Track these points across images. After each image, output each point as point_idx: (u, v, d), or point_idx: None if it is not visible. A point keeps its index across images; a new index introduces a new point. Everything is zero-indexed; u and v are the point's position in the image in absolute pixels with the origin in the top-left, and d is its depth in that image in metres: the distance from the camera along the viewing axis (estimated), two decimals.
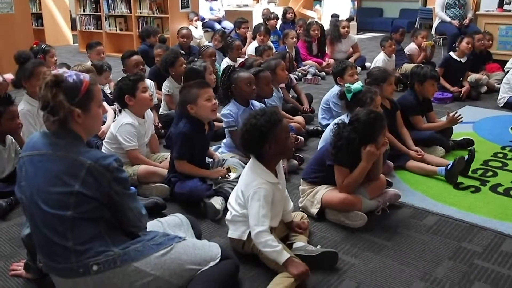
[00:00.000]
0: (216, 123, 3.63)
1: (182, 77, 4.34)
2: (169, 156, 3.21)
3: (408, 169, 3.53)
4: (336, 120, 3.28)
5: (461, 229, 2.76)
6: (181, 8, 8.77)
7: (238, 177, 2.78)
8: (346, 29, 7.64)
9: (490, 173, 3.52)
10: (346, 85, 3.40)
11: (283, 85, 4.86)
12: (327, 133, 3.30)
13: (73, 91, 1.84)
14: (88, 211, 1.80)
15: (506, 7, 7.32)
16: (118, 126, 3.21)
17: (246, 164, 3.09)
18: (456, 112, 3.92)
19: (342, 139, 2.73)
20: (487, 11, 7.56)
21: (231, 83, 3.58)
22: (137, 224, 1.98)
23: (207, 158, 3.31)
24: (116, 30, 9.65)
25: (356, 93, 3.27)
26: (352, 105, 3.26)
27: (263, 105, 3.66)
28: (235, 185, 2.59)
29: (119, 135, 3.18)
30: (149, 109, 3.47)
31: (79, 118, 1.85)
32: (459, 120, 3.88)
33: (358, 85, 3.33)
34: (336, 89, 4.31)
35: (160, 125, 4.27)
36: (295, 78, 6.43)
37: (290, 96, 5.08)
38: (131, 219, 1.94)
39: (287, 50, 6.83)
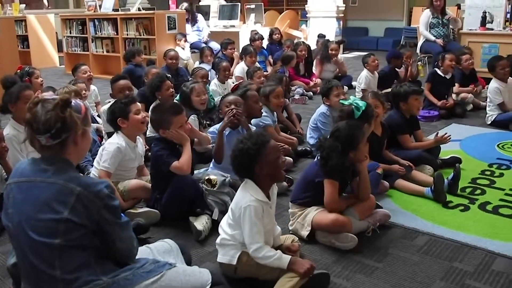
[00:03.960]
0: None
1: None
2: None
3: (397, 188, 3.54)
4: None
5: (452, 248, 2.76)
6: (168, 30, 8.80)
7: (220, 187, 3.02)
8: (334, 52, 7.70)
9: (478, 191, 3.54)
10: (349, 101, 3.36)
11: None
12: None
13: (78, 113, 1.86)
14: (76, 238, 1.77)
15: (488, 25, 7.46)
16: (107, 145, 3.23)
17: (226, 175, 3.18)
18: (446, 133, 3.95)
19: (325, 149, 2.75)
20: (470, 29, 7.70)
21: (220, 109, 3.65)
22: (127, 254, 1.95)
23: None
24: (103, 52, 9.65)
25: (364, 110, 3.26)
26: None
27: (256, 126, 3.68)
28: (218, 197, 2.75)
29: (103, 151, 3.18)
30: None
31: (80, 139, 1.85)
32: (447, 141, 3.92)
33: (360, 101, 3.33)
34: (323, 108, 4.34)
35: (147, 147, 4.23)
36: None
37: None
38: (120, 248, 1.91)
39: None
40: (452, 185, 3.45)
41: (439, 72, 5.88)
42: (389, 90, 5.34)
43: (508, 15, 7.61)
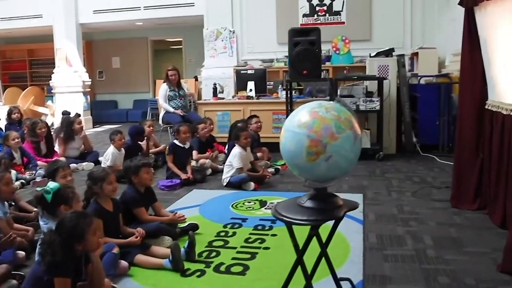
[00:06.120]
0: None
1: None
2: None
3: (137, 264, 3.53)
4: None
5: None
6: None
7: None
8: (80, 125, 7.53)
9: (214, 254, 3.74)
10: (42, 187, 3.30)
11: None
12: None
13: None
14: None
15: (220, 95, 8.29)
16: None
17: None
18: (183, 216, 4.22)
19: (43, 244, 2.62)
20: (205, 100, 8.45)
21: None
22: None
23: None
24: None
25: (56, 191, 3.21)
26: (55, 207, 3.18)
27: None
28: None
29: None
30: None
31: None
32: (182, 221, 4.19)
33: (53, 183, 3.27)
34: None
35: None
36: (21, 182, 6.08)
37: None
38: None
39: (12, 152, 6.44)
40: (189, 252, 3.60)
41: (177, 143, 6.25)
42: None
43: (236, 85, 8.58)
